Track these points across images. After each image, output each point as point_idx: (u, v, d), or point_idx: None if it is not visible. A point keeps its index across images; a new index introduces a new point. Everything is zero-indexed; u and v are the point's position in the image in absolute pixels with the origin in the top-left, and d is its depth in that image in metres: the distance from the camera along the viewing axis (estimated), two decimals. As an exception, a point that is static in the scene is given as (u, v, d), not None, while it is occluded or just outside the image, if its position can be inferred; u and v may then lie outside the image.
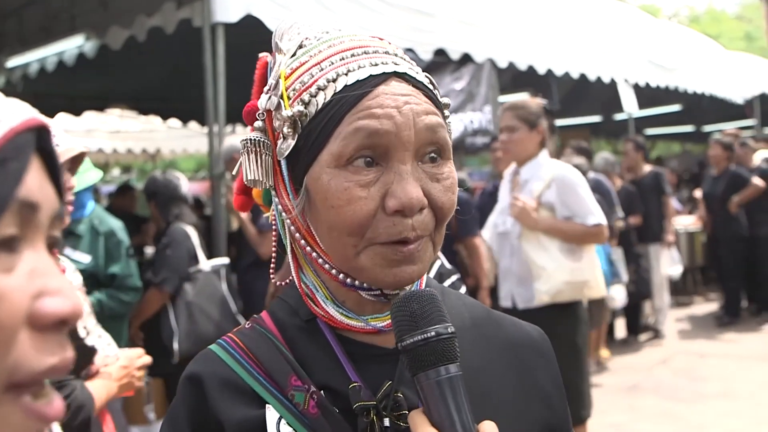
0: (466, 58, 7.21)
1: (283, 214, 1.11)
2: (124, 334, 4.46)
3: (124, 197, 8.71)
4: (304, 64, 1.07)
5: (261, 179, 1.08)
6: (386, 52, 1.06)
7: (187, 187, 5.07)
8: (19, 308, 0.57)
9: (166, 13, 5.46)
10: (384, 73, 1.03)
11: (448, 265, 2.72)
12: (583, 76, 8.78)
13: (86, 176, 4.31)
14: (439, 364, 0.97)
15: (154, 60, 7.20)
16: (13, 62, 7.30)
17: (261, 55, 1.16)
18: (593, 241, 4.38)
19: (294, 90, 1.05)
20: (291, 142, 1.04)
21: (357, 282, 1.07)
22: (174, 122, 12.91)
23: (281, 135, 1.05)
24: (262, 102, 1.08)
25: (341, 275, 1.08)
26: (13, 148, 0.60)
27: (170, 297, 4.64)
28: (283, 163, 1.07)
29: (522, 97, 10.01)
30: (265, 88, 1.09)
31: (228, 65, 4.99)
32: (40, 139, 0.65)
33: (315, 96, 1.03)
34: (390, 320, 1.08)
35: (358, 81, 1.02)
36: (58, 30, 6.50)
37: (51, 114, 10.88)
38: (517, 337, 1.24)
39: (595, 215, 4.26)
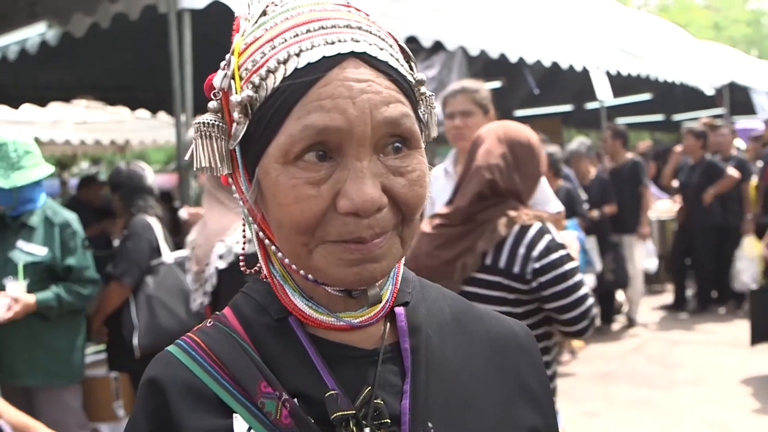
0: (438, 46, 7.14)
1: (240, 202, 1.01)
2: (83, 328, 4.35)
3: (89, 189, 8.57)
4: (258, 39, 0.96)
5: (213, 165, 0.96)
6: (347, 26, 0.94)
7: (153, 178, 4.95)
8: None
9: None
10: (339, 54, 0.91)
11: (558, 240, 2.70)
12: (555, 64, 8.75)
13: (33, 171, 4.19)
14: None
15: (120, 48, 7.04)
16: (-27, 51, 7.11)
17: (237, 14, 1.03)
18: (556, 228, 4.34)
19: (246, 69, 0.95)
20: (242, 129, 0.94)
21: (319, 280, 0.97)
22: (142, 113, 12.72)
23: (234, 119, 0.94)
24: (217, 80, 0.97)
25: (301, 271, 0.98)
26: None
27: (131, 290, 4.52)
28: (237, 148, 0.97)
29: (493, 85, 10.00)
30: (222, 63, 0.97)
31: (195, 53, 4.87)
32: None
33: (265, 79, 0.92)
34: (367, 315, 1.01)
35: (309, 64, 0.90)
36: (18, 17, 6.31)
37: (15, 105, 10.69)
38: (500, 333, 1.15)
39: (556, 202, 4.20)
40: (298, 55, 0.91)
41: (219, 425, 0.95)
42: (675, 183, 10.18)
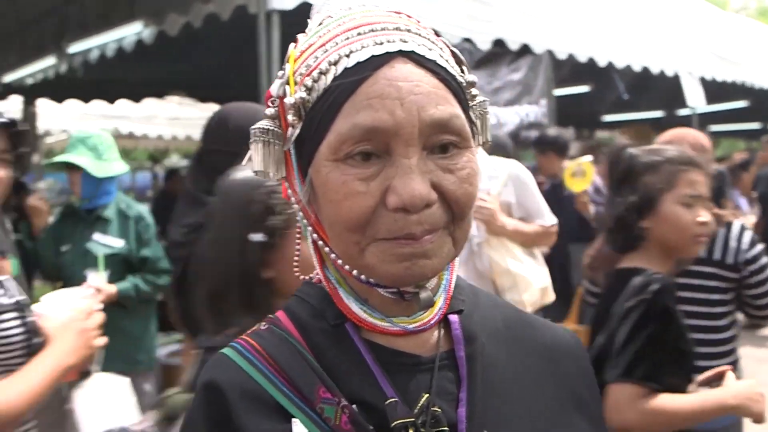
0: (525, 49, 7.08)
1: (296, 205, 1.04)
2: (154, 317, 4.52)
3: (175, 182, 8.89)
4: (312, 45, 0.99)
5: (268, 170, 1.00)
6: (397, 28, 0.96)
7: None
8: None
9: (221, 0, 5.46)
10: (387, 53, 0.93)
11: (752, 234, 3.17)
12: (645, 69, 8.55)
13: (116, 165, 4.40)
14: None
15: (211, 47, 7.23)
16: (74, 48, 7.41)
17: (298, 35, 1.08)
18: (548, 242, 4.16)
19: (299, 74, 0.98)
20: (296, 131, 0.97)
21: (372, 279, 0.98)
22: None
23: (288, 123, 0.98)
24: (274, 88, 1.01)
25: (354, 271, 0.99)
26: None
27: None
28: (292, 151, 1.00)
29: (580, 90, 9.84)
30: (279, 73, 1.02)
31: (283, 53, 4.96)
32: None
33: (317, 81, 0.95)
34: (421, 321, 1.02)
35: (358, 63, 0.93)
36: (117, 17, 6.55)
37: (111, 100, 11.10)
38: (551, 341, 1.14)
39: (550, 215, 4.06)
40: (348, 56, 0.93)
41: (278, 429, 0.96)
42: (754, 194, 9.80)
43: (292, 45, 1.03)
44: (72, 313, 2.26)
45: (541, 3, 7.31)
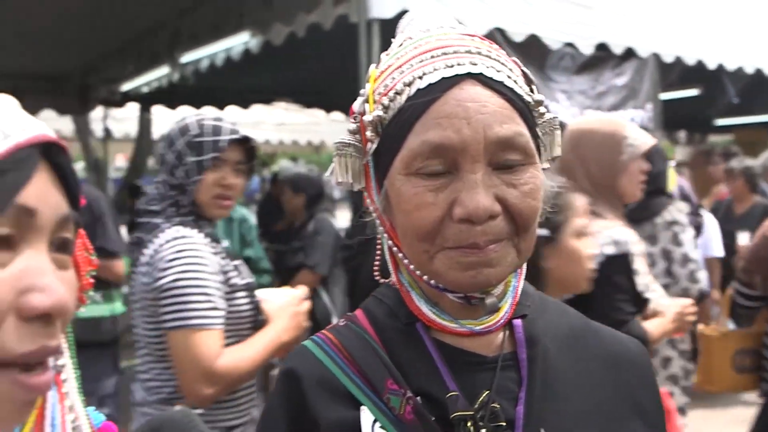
0: (629, 53, 6.93)
1: (374, 213, 1.11)
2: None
3: (277, 185, 9.18)
4: (390, 66, 1.07)
5: (348, 181, 1.09)
6: (468, 51, 1.02)
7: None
8: (4, 299, 0.68)
9: (324, 10, 5.59)
10: (457, 75, 1.00)
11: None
12: (758, 71, 8.22)
13: None
14: None
15: (314, 55, 7.41)
16: (186, 58, 7.75)
17: (382, 54, 1.16)
18: None
19: (378, 93, 1.06)
20: (373, 145, 1.05)
21: (440, 284, 1.05)
22: (337, 115, 13.23)
23: (367, 138, 1.06)
24: (356, 105, 1.09)
25: (425, 276, 1.06)
26: (13, 161, 0.69)
27: (321, 279, 4.88)
28: (370, 163, 1.08)
29: (689, 94, 9.52)
30: (362, 91, 1.10)
31: (382, 60, 5.05)
32: (49, 154, 0.73)
33: (393, 100, 1.03)
34: (487, 323, 1.08)
35: (430, 85, 1.00)
36: (226, 28, 6.81)
37: (221, 106, 11.49)
38: (616, 350, 1.18)
39: None
40: (421, 78, 1.01)
41: (347, 416, 1.04)
42: None
43: (372, 66, 1.11)
44: (287, 298, 2.66)
45: (645, 5, 7.13)
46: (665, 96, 7.75)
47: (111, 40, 8.55)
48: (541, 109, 1.07)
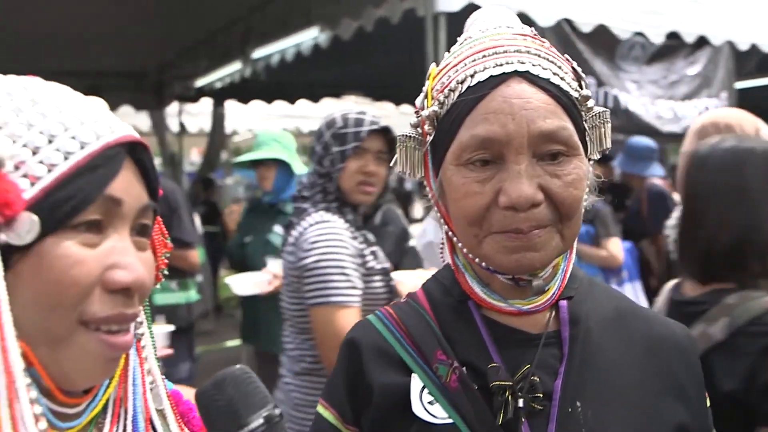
0: (702, 41, 6.79)
1: (432, 200, 1.21)
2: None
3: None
4: (447, 65, 1.16)
5: (408, 171, 1.18)
6: (517, 50, 1.10)
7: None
8: (93, 273, 0.82)
9: (391, 4, 5.65)
10: (504, 73, 1.07)
11: None
12: (841, 58, 7.94)
13: (300, 164, 4.74)
14: None
15: (382, 49, 7.47)
16: (257, 54, 7.92)
17: (445, 53, 1.24)
18: None
19: (436, 90, 1.15)
20: (430, 138, 1.15)
21: (491, 267, 1.14)
22: (406, 108, 13.29)
23: (425, 131, 1.15)
24: (418, 100, 1.18)
25: (476, 259, 1.15)
26: (103, 158, 0.83)
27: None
28: (429, 153, 1.17)
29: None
30: (423, 88, 1.18)
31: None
32: (134, 151, 0.86)
33: (447, 97, 1.11)
34: (534, 303, 1.16)
35: (479, 83, 1.08)
36: (296, 23, 6.93)
37: (292, 101, 11.69)
38: (660, 334, 1.24)
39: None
40: (472, 76, 1.10)
41: (399, 381, 1.15)
42: None
43: (432, 64, 1.20)
44: (419, 280, 2.74)
45: (719, -8, 6.98)
46: (742, 85, 7.57)
47: (185, 39, 8.80)
48: (589, 104, 1.14)
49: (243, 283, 4.33)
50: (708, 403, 1.24)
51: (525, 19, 5.13)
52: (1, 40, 7.31)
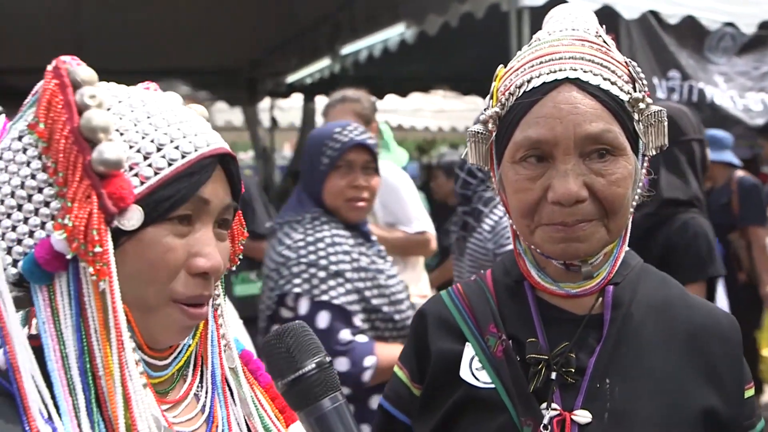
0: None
1: (496, 190, 1.34)
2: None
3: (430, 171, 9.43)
4: (511, 68, 1.28)
5: (477, 164, 1.32)
6: (572, 57, 1.21)
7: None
8: (181, 259, 1.02)
9: (476, 0, 5.73)
10: (556, 80, 1.19)
11: None
12: None
13: (399, 156, 4.90)
14: (325, 395, 1.03)
15: (466, 44, 7.55)
16: (345, 50, 8.14)
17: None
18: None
19: (500, 91, 1.27)
20: (492, 135, 1.28)
21: (545, 255, 1.27)
22: (493, 102, 13.29)
23: (490, 129, 1.28)
24: (486, 98, 1.31)
25: (532, 246, 1.28)
26: (199, 167, 1.03)
27: None
28: (494, 148, 1.31)
29: None
30: (491, 87, 1.31)
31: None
32: (223, 161, 1.06)
33: (507, 99, 1.24)
34: (583, 288, 1.28)
35: (534, 88, 1.21)
36: (383, 20, 7.09)
37: (380, 95, 11.84)
38: (704, 323, 1.32)
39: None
40: (529, 81, 1.22)
41: (453, 348, 1.32)
42: None
43: (500, 66, 1.33)
44: None
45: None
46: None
47: (276, 36, 9.09)
48: (642, 105, 1.23)
49: None
50: (749, 393, 1.31)
51: (609, 12, 5.14)
52: (98, 40, 7.69)
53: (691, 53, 5.76)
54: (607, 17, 5.34)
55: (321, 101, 12.24)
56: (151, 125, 1.02)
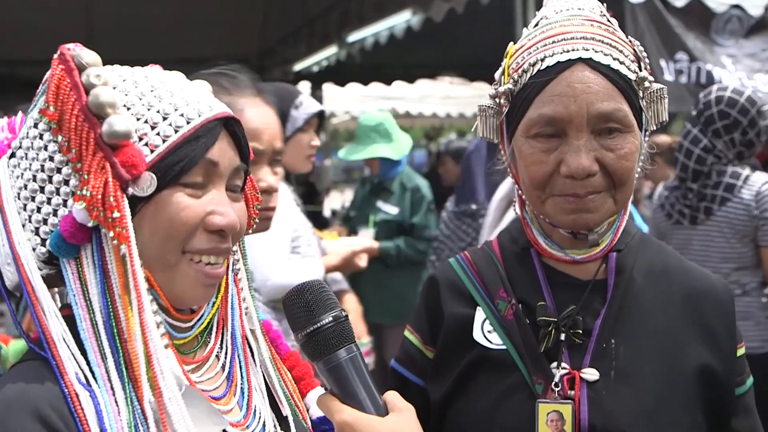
0: (804, 11, 6.56)
1: (505, 163, 1.41)
2: (422, 278, 5.02)
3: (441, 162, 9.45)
4: (522, 46, 1.34)
5: (488, 136, 1.39)
6: (583, 38, 1.28)
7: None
8: (198, 216, 1.07)
9: (481, -15, 5.76)
10: (569, 60, 1.26)
11: None
12: None
13: (405, 142, 4.94)
14: (340, 346, 1.10)
15: (472, 30, 7.55)
16: (352, 37, 8.15)
17: (524, 29, 1.42)
18: None
19: (512, 68, 1.33)
20: (505, 110, 1.34)
21: (554, 224, 1.34)
22: (500, 88, 13.27)
23: (501, 104, 1.34)
24: (497, 75, 1.37)
25: (541, 216, 1.35)
26: (204, 130, 1.07)
27: None
28: (504, 123, 1.37)
29: None
30: (502, 63, 1.37)
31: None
32: (228, 124, 1.11)
33: (521, 77, 1.30)
34: (588, 254, 1.36)
35: (548, 67, 1.27)
36: (389, 7, 7.10)
37: (388, 82, 11.89)
38: (700, 287, 1.41)
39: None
40: (542, 60, 1.29)
41: (466, 312, 1.40)
42: None
43: (511, 43, 1.39)
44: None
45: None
46: None
47: (284, 25, 9.12)
48: (646, 83, 1.31)
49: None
50: (740, 352, 1.40)
51: (615, -5, 5.15)
52: (108, 31, 7.75)
53: (697, 36, 5.75)
54: (613, 1, 5.34)
55: (328, 89, 12.33)
56: (156, 97, 1.08)
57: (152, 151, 1.05)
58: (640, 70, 1.31)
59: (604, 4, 1.42)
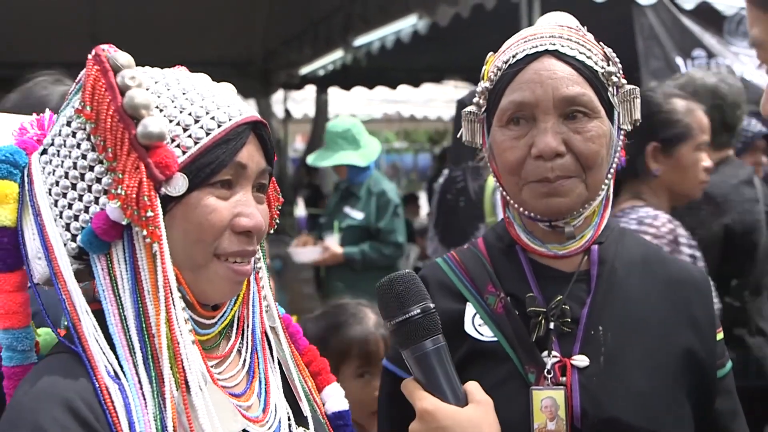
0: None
1: (487, 160, 1.47)
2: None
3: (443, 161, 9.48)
4: (500, 51, 1.42)
5: (470, 140, 1.46)
6: (551, 36, 1.36)
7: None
8: (225, 218, 1.12)
9: (487, -10, 5.76)
10: (537, 51, 1.34)
11: None
12: None
13: (374, 147, 5.11)
14: (427, 337, 1.18)
15: (478, 35, 7.55)
16: (358, 41, 8.18)
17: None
18: None
19: (490, 71, 1.41)
20: (483, 109, 1.42)
21: (532, 214, 1.38)
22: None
23: (480, 104, 1.42)
24: (480, 83, 1.44)
25: (520, 208, 1.40)
26: (234, 134, 1.13)
27: None
28: (485, 123, 1.44)
29: None
30: (482, 70, 1.45)
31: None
32: (256, 128, 1.14)
33: (495, 75, 1.38)
34: (569, 248, 1.42)
35: (518, 60, 1.35)
36: (395, 11, 7.12)
37: (393, 86, 11.90)
38: (679, 275, 1.48)
39: None
40: (513, 56, 1.36)
41: (456, 308, 1.44)
42: None
43: (490, 53, 1.47)
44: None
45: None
46: None
47: (290, 28, 9.14)
48: (615, 78, 1.38)
49: (300, 253, 5.12)
50: (719, 336, 1.47)
51: None
52: (113, 33, 7.68)
53: (712, 36, 5.66)
54: (623, 3, 5.35)
55: (334, 93, 12.35)
56: (188, 100, 1.12)
57: (184, 153, 1.09)
58: (608, 66, 1.39)
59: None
